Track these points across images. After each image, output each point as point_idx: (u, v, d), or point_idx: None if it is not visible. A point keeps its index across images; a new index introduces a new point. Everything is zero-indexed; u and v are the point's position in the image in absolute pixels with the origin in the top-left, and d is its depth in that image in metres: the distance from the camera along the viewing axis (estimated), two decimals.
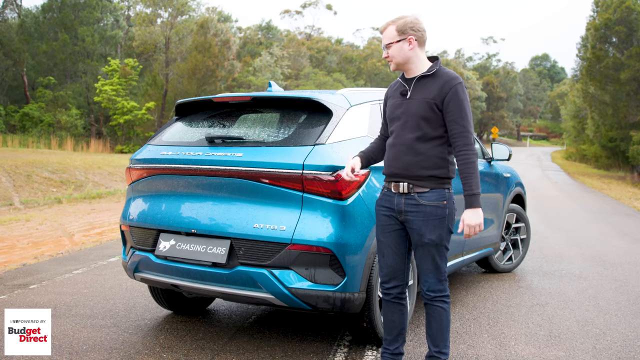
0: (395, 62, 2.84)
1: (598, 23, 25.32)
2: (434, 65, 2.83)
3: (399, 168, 2.82)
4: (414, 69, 2.84)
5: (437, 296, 2.85)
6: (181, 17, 34.07)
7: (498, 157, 5.27)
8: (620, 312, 4.40)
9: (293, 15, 58.25)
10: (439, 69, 2.81)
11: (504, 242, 5.73)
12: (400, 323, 3.00)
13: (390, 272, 2.93)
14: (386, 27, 2.84)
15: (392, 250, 2.91)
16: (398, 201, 2.84)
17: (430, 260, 2.82)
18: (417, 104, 2.79)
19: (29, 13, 34.95)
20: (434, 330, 2.88)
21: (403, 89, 2.88)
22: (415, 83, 2.83)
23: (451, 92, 2.73)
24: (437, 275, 2.83)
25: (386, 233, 2.91)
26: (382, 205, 2.92)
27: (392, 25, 2.82)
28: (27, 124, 28.17)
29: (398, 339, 3.01)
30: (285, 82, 38.20)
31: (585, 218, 10.53)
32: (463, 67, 65.09)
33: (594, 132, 28.96)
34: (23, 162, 13.75)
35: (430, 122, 2.76)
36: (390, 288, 2.96)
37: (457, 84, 2.74)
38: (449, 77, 2.77)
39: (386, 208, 2.90)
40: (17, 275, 5.42)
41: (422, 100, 2.77)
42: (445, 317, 2.87)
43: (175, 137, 3.74)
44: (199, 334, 3.77)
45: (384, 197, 2.92)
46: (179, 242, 3.37)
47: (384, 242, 2.93)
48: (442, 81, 2.76)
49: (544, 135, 79.02)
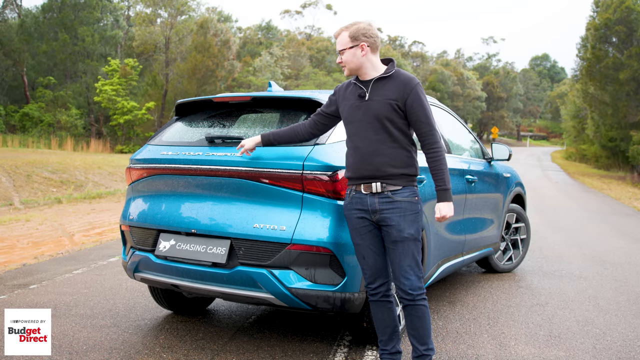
0: (349, 68, 2.89)
1: (598, 23, 25.32)
2: (390, 67, 2.90)
3: (369, 170, 2.84)
4: (368, 73, 2.89)
5: (418, 294, 2.84)
6: (181, 17, 34.07)
7: (498, 157, 5.27)
8: (620, 312, 4.40)
9: (293, 15, 58.34)
10: (396, 71, 2.88)
11: (504, 242, 5.73)
12: (391, 321, 3.00)
13: (374, 272, 2.94)
14: (339, 33, 2.90)
15: (372, 250, 2.92)
16: (371, 201, 2.84)
17: (410, 255, 2.83)
18: (379, 105, 2.82)
19: (29, 13, 34.94)
20: (419, 329, 2.88)
21: (360, 91, 2.90)
22: (373, 85, 2.87)
23: (412, 93, 2.80)
24: (417, 272, 2.85)
25: (363, 235, 2.91)
26: (354, 209, 2.91)
27: (345, 32, 2.87)
28: (27, 124, 28.18)
29: (393, 337, 3.02)
30: (285, 82, 38.20)
31: (585, 218, 10.53)
32: (463, 67, 65.09)
33: (594, 132, 28.97)
34: (23, 162, 13.75)
35: (394, 122, 2.82)
36: (376, 288, 2.96)
37: (416, 84, 2.82)
38: (407, 78, 2.84)
39: (359, 210, 2.89)
40: (17, 275, 5.42)
41: (383, 101, 2.82)
42: (427, 314, 2.89)
43: (175, 137, 3.74)
44: (199, 334, 3.77)
45: (353, 200, 2.91)
46: (179, 242, 3.37)
47: (361, 244, 2.93)
48: (401, 83, 2.82)
49: (544, 135, 79.04)
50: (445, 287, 5.09)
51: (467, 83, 58.72)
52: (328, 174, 3.05)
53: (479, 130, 64.14)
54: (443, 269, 4.14)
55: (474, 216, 4.67)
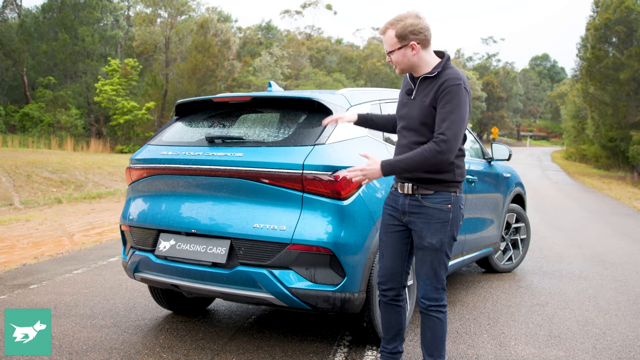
0: (401, 68, 2.74)
1: (598, 23, 25.31)
2: (438, 65, 2.69)
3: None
4: (422, 70, 2.72)
5: (432, 305, 2.75)
6: (181, 17, 34.07)
7: (498, 157, 5.27)
8: (620, 312, 4.39)
9: (293, 15, 58.28)
10: (442, 70, 2.67)
11: (504, 242, 5.73)
12: (397, 324, 2.98)
13: (387, 274, 2.90)
14: (385, 30, 2.69)
15: (392, 250, 2.87)
16: (402, 202, 2.80)
17: (428, 265, 2.73)
18: (418, 107, 2.70)
19: (29, 13, 34.94)
20: (428, 339, 2.81)
21: (409, 88, 2.80)
22: (419, 83, 2.73)
23: (445, 91, 2.59)
24: (434, 283, 2.74)
25: (388, 233, 2.88)
26: (388, 205, 2.89)
27: (391, 30, 2.66)
28: (27, 124, 28.17)
29: (396, 338, 3.00)
30: (285, 82, 38.20)
31: (585, 218, 10.53)
32: (463, 67, 65.09)
33: (594, 132, 28.96)
34: (23, 162, 13.75)
35: (431, 127, 2.67)
36: (386, 290, 2.92)
37: (454, 85, 2.58)
38: (447, 77, 2.62)
39: (391, 207, 2.86)
40: (17, 275, 5.42)
41: (422, 104, 2.67)
42: (440, 328, 2.77)
43: (175, 137, 3.74)
44: (199, 334, 3.77)
45: (390, 196, 2.89)
46: (179, 242, 3.37)
47: (385, 241, 2.90)
48: (441, 83, 2.62)
49: (544, 135, 79.03)
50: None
51: None
52: (328, 174, 3.05)
53: (479, 130, 64.12)
54: None
55: (474, 216, 4.67)
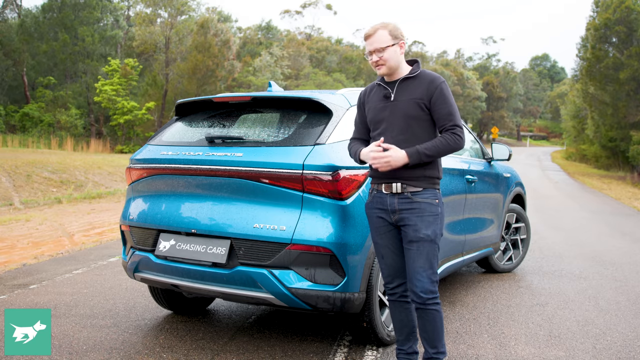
0: (389, 66, 2.84)
1: (598, 23, 25.33)
2: (416, 67, 2.90)
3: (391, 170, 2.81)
4: (400, 72, 2.89)
5: (430, 298, 2.80)
6: (181, 17, 34.08)
7: (498, 157, 5.27)
8: (620, 312, 4.39)
9: (293, 15, 58.36)
10: (421, 71, 2.88)
11: (504, 242, 5.73)
12: (409, 321, 2.99)
13: (392, 272, 2.94)
14: (375, 31, 2.84)
15: (390, 250, 2.91)
16: (391, 201, 2.84)
17: (424, 256, 2.80)
18: (405, 104, 2.82)
19: (29, 13, 34.93)
20: (430, 333, 2.85)
21: (385, 92, 2.89)
22: (398, 85, 2.86)
23: (437, 90, 2.79)
24: (430, 275, 2.80)
25: (382, 234, 2.91)
26: (374, 208, 2.91)
27: (383, 30, 2.83)
28: (27, 124, 28.17)
29: (410, 337, 3.01)
30: (285, 82, 38.21)
31: (585, 218, 10.53)
32: (463, 67, 65.11)
33: (594, 132, 28.97)
34: (23, 162, 13.75)
35: (419, 121, 2.80)
36: (394, 287, 2.96)
37: (441, 82, 2.82)
38: (432, 77, 2.84)
39: (379, 209, 2.89)
40: (17, 275, 5.42)
41: (410, 101, 2.81)
42: (439, 319, 2.85)
43: (175, 137, 3.74)
44: (199, 334, 3.77)
45: (374, 199, 2.91)
46: (179, 242, 3.37)
47: (380, 243, 2.93)
48: (427, 81, 2.82)
49: (544, 135, 79.05)
50: (445, 287, 5.09)
51: (467, 83, 58.70)
52: (328, 174, 3.05)
53: (479, 130, 64.14)
54: (443, 269, 4.15)
55: (474, 216, 4.67)
